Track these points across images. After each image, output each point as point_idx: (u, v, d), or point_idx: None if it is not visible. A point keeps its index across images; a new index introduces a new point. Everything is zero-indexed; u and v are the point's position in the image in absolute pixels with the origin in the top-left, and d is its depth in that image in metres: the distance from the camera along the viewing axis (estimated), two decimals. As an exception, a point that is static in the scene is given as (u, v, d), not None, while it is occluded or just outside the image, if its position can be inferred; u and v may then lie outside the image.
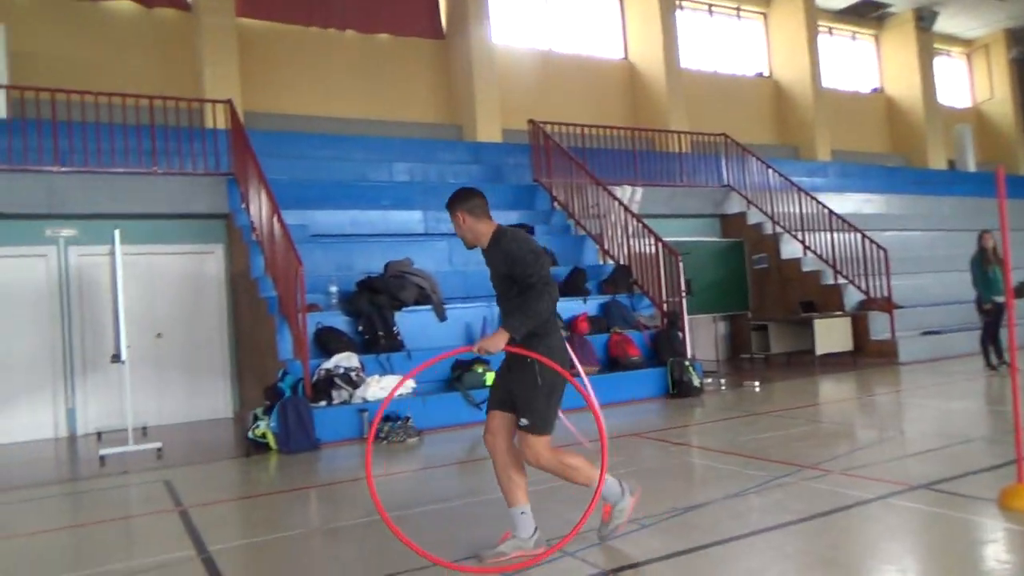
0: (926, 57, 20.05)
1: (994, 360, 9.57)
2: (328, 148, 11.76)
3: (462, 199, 3.83)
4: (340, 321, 8.04)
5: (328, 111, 12.74)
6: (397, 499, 5.19)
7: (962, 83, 22.74)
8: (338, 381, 6.97)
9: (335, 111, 12.80)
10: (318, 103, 12.71)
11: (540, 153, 12.32)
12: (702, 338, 11.81)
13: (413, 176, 11.79)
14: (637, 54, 16.15)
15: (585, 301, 9.52)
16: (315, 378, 7.10)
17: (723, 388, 9.33)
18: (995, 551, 3.81)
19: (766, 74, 18.51)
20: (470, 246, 3.93)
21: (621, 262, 10.50)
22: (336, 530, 4.46)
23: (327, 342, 7.62)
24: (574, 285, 9.66)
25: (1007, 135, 22.19)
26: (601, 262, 10.86)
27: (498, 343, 3.60)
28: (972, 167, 20.26)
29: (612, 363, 8.84)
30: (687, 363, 8.77)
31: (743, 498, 4.66)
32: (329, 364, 7.16)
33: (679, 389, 8.66)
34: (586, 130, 12.90)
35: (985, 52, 22.34)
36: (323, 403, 6.98)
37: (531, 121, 12.51)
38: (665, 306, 9.73)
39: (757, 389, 9.31)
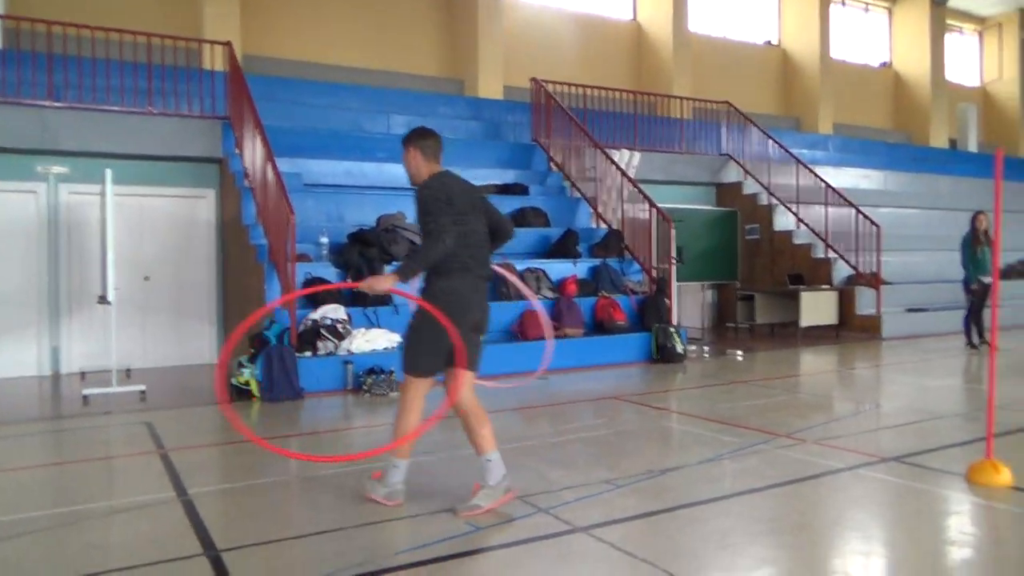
0: (937, 32, 19.80)
1: (975, 339, 9.67)
2: (326, 96, 11.63)
3: (418, 136, 4.00)
4: (329, 272, 8.04)
5: (328, 59, 12.58)
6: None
7: (972, 61, 22.49)
8: (324, 332, 7.00)
9: (335, 59, 12.63)
10: (318, 50, 12.53)
11: (540, 112, 12.21)
12: (690, 305, 11.86)
13: (411, 129, 11.67)
14: (646, 16, 15.90)
15: (575, 263, 9.53)
16: (301, 328, 7.13)
17: (706, 356, 9.41)
18: (959, 523, 3.90)
19: (775, 42, 18.27)
20: (413, 184, 4.04)
21: (614, 226, 10.48)
22: (314, 478, 4.53)
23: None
24: (565, 247, 9.66)
25: (1012, 117, 22.04)
26: (594, 225, 10.84)
27: (383, 283, 3.75)
28: (974, 147, 20.16)
29: (598, 327, 8.89)
30: (672, 329, 8.84)
31: (718, 463, 4.74)
32: (316, 315, 7.18)
33: (663, 355, 8.73)
34: (588, 91, 12.76)
35: (998, 31, 22.06)
36: (308, 353, 7.02)
37: (533, 79, 12.36)
38: (655, 272, 9.76)
39: (740, 358, 9.39)
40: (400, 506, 3.91)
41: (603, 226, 10.72)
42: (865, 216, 11.89)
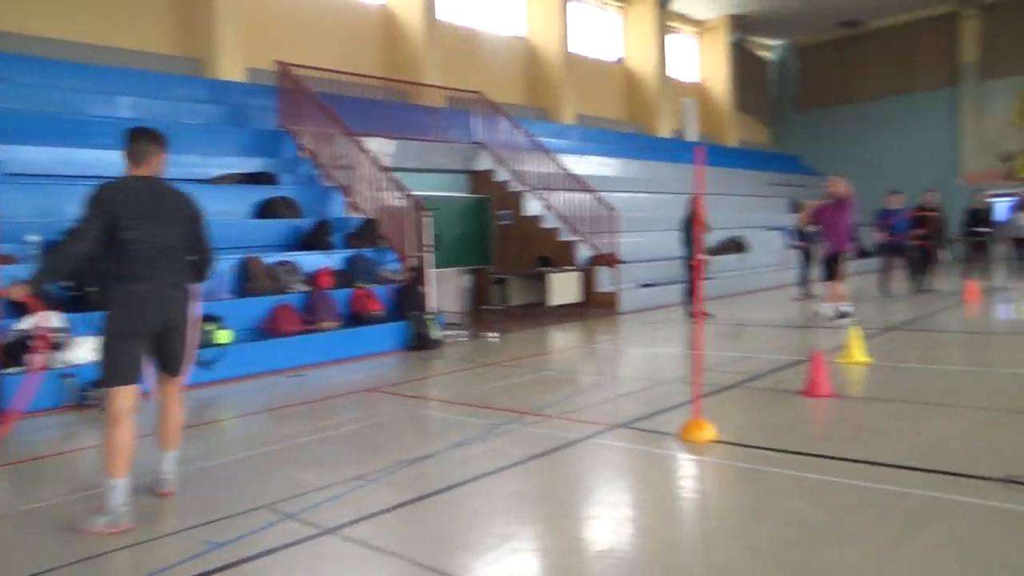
0: (661, 33, 21.88)
1: (695, 308, 10.94)
2: (34, 73, 10.21)
3: (127, 137, 4.03)
4: (41, 275, 7.09)
5: (36, 30, 10.98)
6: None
7: (692, 60, 25.21)
8: (34, 344, 6.17)
9: (45, 30, 11.07)
10: (23, 20, 10.89)
11: (288, 98, 11.70)
12: (447, 291, 12.13)
13: (139, 112, 10.62)
14: (396, 1, 15.80)
15: (329, 255, 9.31)
16: (6, 341, 6.22)
17: (463, 340, 9.68)
18: (674, 477, 4.40)
19: (522, 35, 19.06)
20: None
21: (369, 215, 10.39)
22: (30, 513, 4.01)
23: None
24: (318, 238, 9.41)
25: (723, 111, 25.09)
26: (348, 215, 10.66)
27: (16, 292, 3.75)
28: (694, 137, 22.69)
29: (354, 318, 8.78)
30: (427, 316, 8.98)
31: (468, 446, 4.91)
32: (24, 325, 6.30)
33: (420, 342, 8.84)
34: (339, 77, 12.45)
35: (712, 34, 24.91)
36: (15, 369, 6.15)
37: (279, 62, 11.81)
38: (411, 260, 9.84)
39: (494, 340, 9.78)
40: (130, 531, 3.59)
41: (358, 215, 10.58)
42: (603, 201, 12.93)
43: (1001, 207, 15.08)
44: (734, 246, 15.81)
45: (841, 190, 10.01)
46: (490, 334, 10.04)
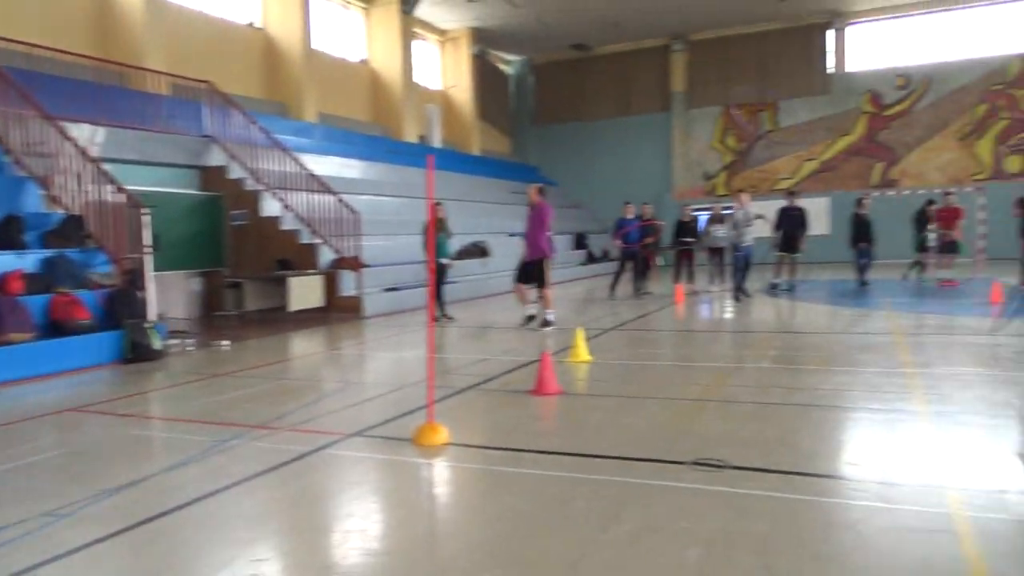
0: (406, 38, 22.03)
1: (437, 312, 11.12)
2: None
3: None
4: None
5: None
6: None
7: (436, 68, 25.71)
8: None
9: None
10: None
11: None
12: (174, 296, 11.14)
13: None
14: (102, -30, 14.16)
15: (21, 255, 8.07)
16: None
17: (190, 349, 8.93)
18: (406, 483, 4.36)
19: (258, 25, 18.11)
20: None
21: (74, 211, 9.17)
22: None
23: None
24: (6, 236, 8.11)
25: (467, 120, 25.91)
26: (47, 210, 9.33)
27: None
28: (438, 143, 23.15)
29: (55, 328, 7.68)
30: (147, 325, 8.13)
31: (184, 468, 4.49)
32: None
33: (137, 353, 7.98)
34: (36, 51, 10.86)
35: (455, 43, 25.60)
36: None
37: (-45, 29, 10.03)
38: (126, 262, 8.85)
39: (226, 348, 9.14)
40: None
41: (59, 211, 9.30)
42: (345, 204, 12.67)
43: (703, 219, 17.19)
44: (477, 251, 16.35)
45: (535, 198, 9.90)
46: (222, 342, 9.35)
